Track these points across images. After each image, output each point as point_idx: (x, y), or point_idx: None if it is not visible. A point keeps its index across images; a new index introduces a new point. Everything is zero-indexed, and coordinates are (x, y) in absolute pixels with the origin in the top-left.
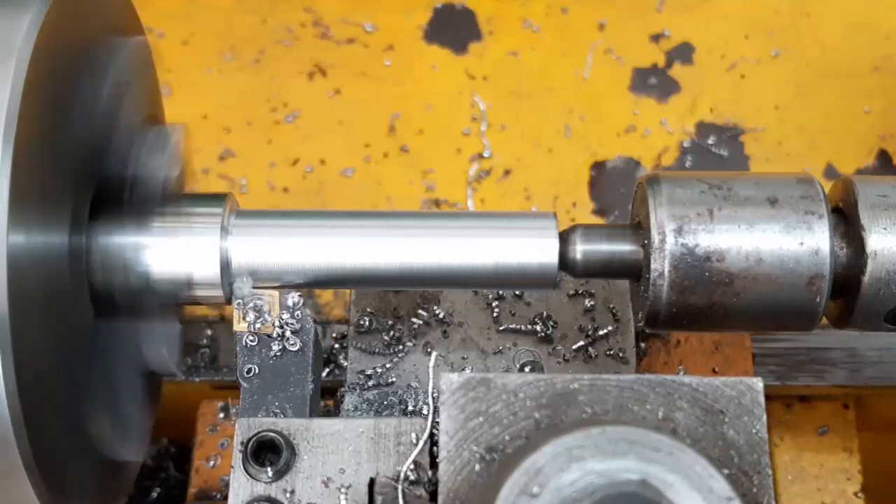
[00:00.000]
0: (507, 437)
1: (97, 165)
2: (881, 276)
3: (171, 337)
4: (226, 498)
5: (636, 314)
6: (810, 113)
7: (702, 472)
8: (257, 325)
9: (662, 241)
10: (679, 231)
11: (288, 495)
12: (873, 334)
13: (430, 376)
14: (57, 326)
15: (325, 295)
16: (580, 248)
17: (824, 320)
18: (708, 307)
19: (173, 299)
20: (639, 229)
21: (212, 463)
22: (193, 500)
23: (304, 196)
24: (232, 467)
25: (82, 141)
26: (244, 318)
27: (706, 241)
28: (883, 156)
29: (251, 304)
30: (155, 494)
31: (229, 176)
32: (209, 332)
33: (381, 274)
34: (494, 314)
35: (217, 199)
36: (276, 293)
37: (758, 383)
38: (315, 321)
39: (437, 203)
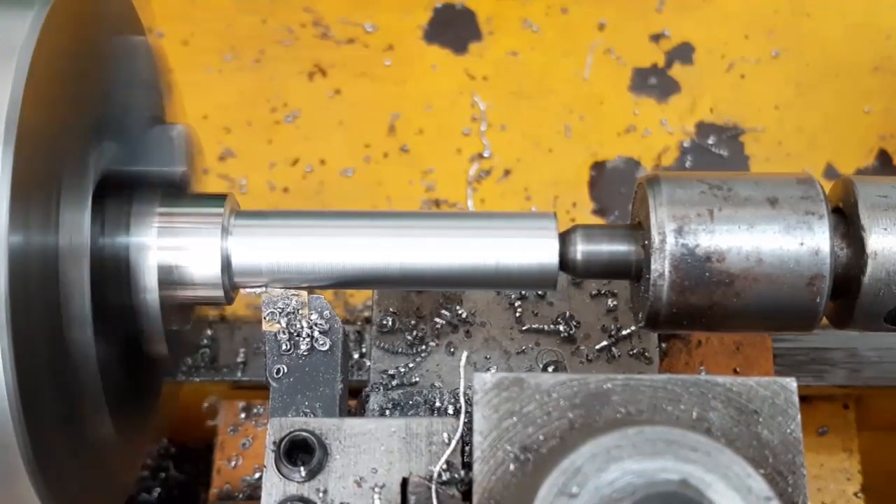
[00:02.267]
0: (541, 437)
1: (98, 165)
2: (881, 277)
3: (172, 336)
4: (248, 498)
5: (636, 314)
6: (810, 113)
7: (740, 472)
8: (286, 326)
9: (662, 241)
10: (679, 231)
11: (321, 495)
12: (873, 334)
13: (461, 376)
14: (57, 327)
15: (326, 295)
16: (580, 249)
17: (824, 320)
18: (708, 307)
19: (173, 300)
20: (639, 229)
21: (233, 463)
22: (216, 501)
23: (304, 196)
24: (264, 467)
25: (83, 141)
26: (273, 319)
27: (706, 241)
28: (883, 156)
29: (279, 305)
30: (155, 494)
31: (229, 176)
32: (209, 331)
33: (380, 274)
34: (517, 314)
35: (217, 199)
36: (304, 294)
37: (791, 383)
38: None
39: (437, 203)
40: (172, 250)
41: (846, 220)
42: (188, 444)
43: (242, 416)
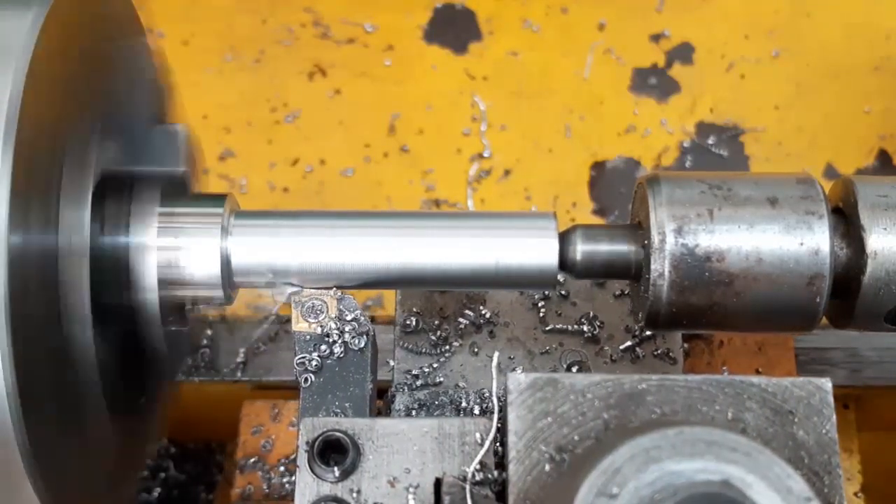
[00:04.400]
0: (576, 438)
1: (98, 165)
2: (881, 276)
3: (173, 337)
4: (268, 498)
5: (636, 314)
6: (810, 113)
7: (780, 472)
8: (315, 326)
9: (662, 241)
10: (679, 231)
11: (354, 495)
12: (873, 334)
13: (494, 376)
14: (57, 327)
15: None
16: (580, 249)
17: (824, 320)
18: (708, 307)
19: (173, 300)
20: (639, 229)
21: (255, 463)
22: (238, 500)
23: (304, 196)
24: (297, 467)
25: (83, 141)
26: (303, 319)
27: (706, 241)
28: (883, 156)
29: (309, 305)
30: (155, 494)
31: (229, 176)
32: (209, 332)
33: (381, 274)
34: (540, 314)
35: (217, 199)
36: (333, 294)
37: (826, 383)
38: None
39: (437, 203)
40: (172, 250)
41: (846, 220)
42: (188, 444)
43: (264, 416)
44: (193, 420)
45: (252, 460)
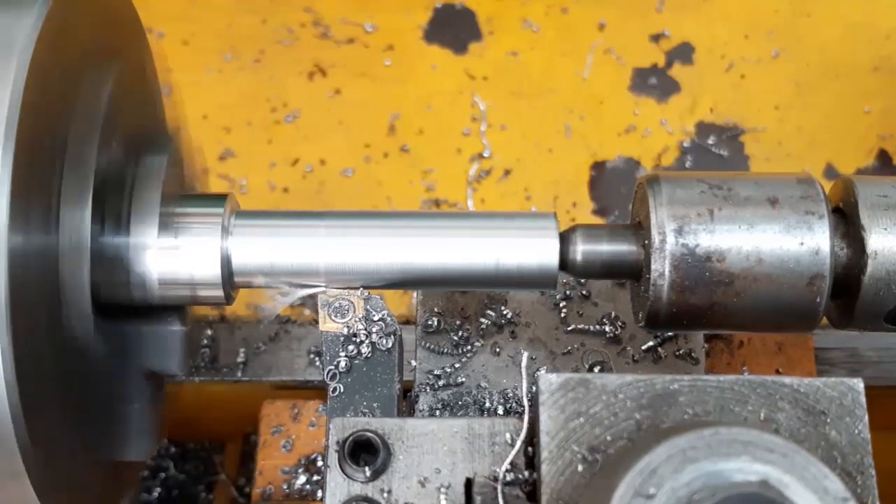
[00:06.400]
0: (608, 438)
1: (98, 165)
2: (881, 276)
3: (173, 338)
4: (289, 498)
5: (636, 314)
6: (810, 113)
7: (817, 473)
8: (342, 326)
9: (663, 241)
10: (679, 231)
11: (385, 495)
12: (873, 334)
13: (523, 376)
14: (57, 327)
15: None
16: (580, 249)
17: (824, 320)
18: (708, 307)
19: (173, 300)
20: (639, 229)
21: (275, 464)
22: (259, 501)
23: (304, 196)
24: (328, 467)
25: (83, 141)
26: (330, 319)
27: (706, 241)
28: (883, 156)
29: (336, 305)
30: (155, 494)
31: (229, 176)
32: (209, 331)
33: (381, 274)
34: (562, 315)
35: (217, 199)
36: (360, 294)
37: (859, 384)
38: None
39: (437, 203)
40: (172, 250)
41: (846, 220)
42: (188, 444)
43: (284, 416)
44: (193, 420)
45: (272, 461)
